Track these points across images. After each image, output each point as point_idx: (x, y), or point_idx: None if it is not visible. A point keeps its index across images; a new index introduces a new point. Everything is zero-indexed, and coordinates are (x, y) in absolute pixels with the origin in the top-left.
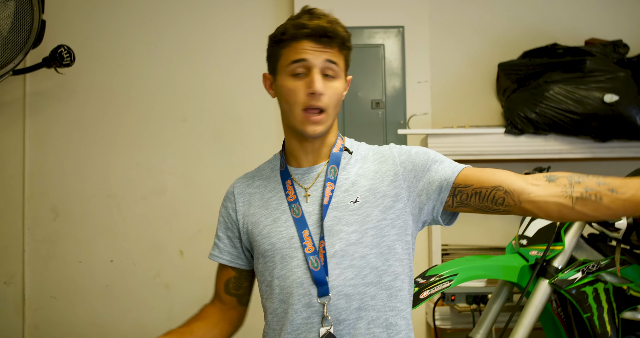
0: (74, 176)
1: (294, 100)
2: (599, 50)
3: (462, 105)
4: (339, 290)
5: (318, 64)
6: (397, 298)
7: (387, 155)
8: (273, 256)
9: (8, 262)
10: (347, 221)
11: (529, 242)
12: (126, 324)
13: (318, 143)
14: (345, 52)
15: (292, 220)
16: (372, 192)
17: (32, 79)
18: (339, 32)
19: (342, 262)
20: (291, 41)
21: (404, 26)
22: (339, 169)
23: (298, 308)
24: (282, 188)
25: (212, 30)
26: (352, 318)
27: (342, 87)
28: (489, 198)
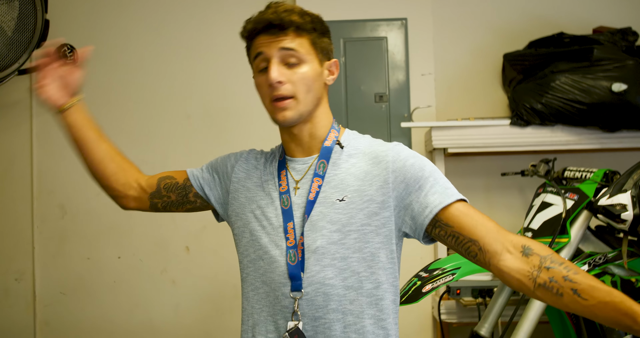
0: (80, 173)
1: (263, 94)
2: (607, 38)
3: (466, 97)
4: (317, 287)
5: (273, 54)
6: (378, 307)
7: (381, 157)
8: (260, 238)
9: (18, 259)
10: (331, 219)
11: (534, 234)
12: (134, 319)
13: (305, 135)
14: (308, 36)
15: (281, 210)
16: (359, 194)
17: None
18: (285, 19)
19: (323, 260)
20: (251, 40)
21: (407, 18)
22: (329, 164)
23: (279, 295)
24: (277, 176)
25: (214, 27)
26: (329, 319)
27: (312, 71)
28: (463, 247)
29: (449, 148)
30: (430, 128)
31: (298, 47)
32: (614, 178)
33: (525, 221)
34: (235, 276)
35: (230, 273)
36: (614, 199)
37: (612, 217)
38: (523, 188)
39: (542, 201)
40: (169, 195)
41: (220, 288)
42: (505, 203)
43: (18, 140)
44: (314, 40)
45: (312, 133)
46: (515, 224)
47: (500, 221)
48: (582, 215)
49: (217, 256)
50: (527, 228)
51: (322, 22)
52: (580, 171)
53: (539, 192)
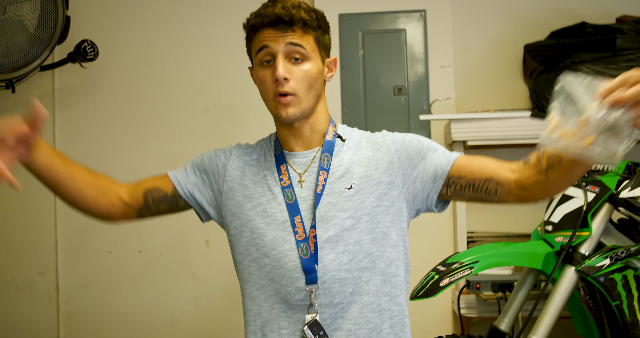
0: (102, 168)
1: (265, 88)
2: (631, 27)
3: (486, 89)
4: (333, 274)
5: (280, 49)
6: (391, 283)
7: (380, 143)
8: (264, 235)
9: (42, 253)
10: (342, 207)
11: (554, 228)
12: (155, 312)
13: (306, 130)
14: (313, 33)
15: (285, 205)
16: (367, 179)
17: (60, 75)
18: (295, 15)
19: (337, 247)
20: (255, 32)
21: (426, 10)
22: (332, 157)
23: (291, 291)
24: (277, 171)
25: (233, 20)
26: (346, 302)
27: (315, 68)
28: (482, 189)
29: (468, 141)
30: (450, 121)
31: (304, 44)
32: (636, 170)
33: (546, 214)
34: None
35: None
36: (636, 192)
37: (634, 210)
38: None
39: (562, 193)
40: (159, 207)
41: None
42: None
43: (42, 135)
44: (318, 37)
45: (313, 127)
46: (535, 217)
47: (520, 214)
48: (604, 208)
49: None
50: (547, 222)
51: (325, 19)
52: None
53: None
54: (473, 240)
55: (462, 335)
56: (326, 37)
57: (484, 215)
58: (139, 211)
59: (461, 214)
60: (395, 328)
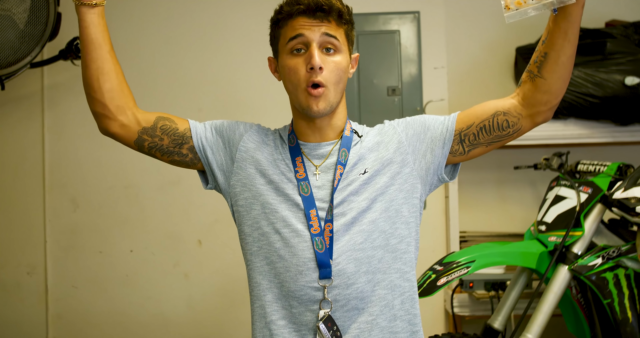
0: (92, 167)
1: (297, 78)
2: (620, 32)
3: (479, 90)
4: (348, 255)
5: (315, 38)
6: (402, 260)
7: (386, 127)
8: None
9: (30, 253)
10: (358, 191)
11: (547, 228)
12: (146, 313)
13: (325, 124)
14: (344, 26)
15: (300, 197)
16: (379, 161)
17: (49, 72)
18: (334, 5)
19: (352, 228)
20: (287, 19)
21: (420, 11)
22: (350, 152)
23: (303, 270)
24: (292, 162)
25: (226, 19)
26: (361, 282)
27: (345, 62)
28: (495, 126)
29: None
30: None
31: (338, 35)
32: (627, 171)
33: (539, 214)
34: None
35: (243, 266)
36: (629, 193)
37: (627, 210)
38: (535, 181)
39: (555, 194)
40: (162, 137)
41: (233, 282)
42: (517, 197)
43: (30, 133)
44: (348, 32)
45: (332, 123)
46: (527, 217)
47: (513, 214)
48: (596, 209)
49: (229, 249)
50: (540, 222)
51: (352, 12)
52: (594, 165)
53: (553, 185)
54: (465, 240)
55: (457, 333)
56: (353, 34)
57: (476, 215)
58: (143, 130)
59: (454, 214)
60: (405, 305)
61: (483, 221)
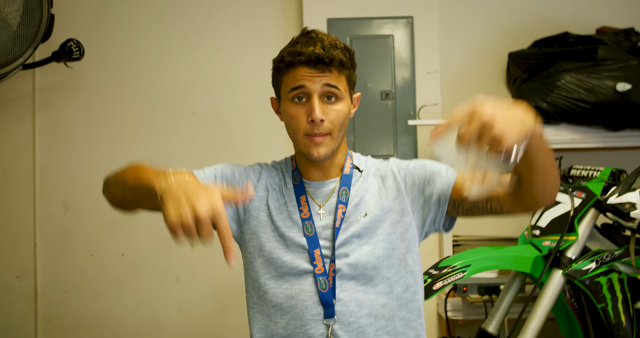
0: (83, 170)
1: (296, 126)
2: (611, 38)
3: (472, 95)
4: (350, 293)
5: (316, 89)
6: (407, 308)
7: (387, 172)
8: (283, 255)
9: (20, 256)
10: (359, 234)
11: (542, 232)
12: (137, 317)
13: (327, 163)
14: (346, 72)
15: (305, 237)
16: (380, 207)
17: (41, 74)
18: (335, 57)
19: (356, 270)
20: (289, 68)
21: (413, 16)
22: (350, 189)
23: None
24: (297, 202)
25: (219, 22)
26: (362, 323)
27: (347, 108)
28: (487, 209)
29: None
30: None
31: (339, 84)
32: (620, 176)
33: (533, 218)
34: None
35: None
36: (624, 198)
37: (621, 215)
38: None
39: None
40: None
41: (225, 286)
42: None
43: (21, 136)
44: (350, 76)
45: (333, 162)
46: (521, 222)
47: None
48: (590, 213)
49: (222, 253)
50: (534, 226)
51: (354, 56)
52: (587, 170)
53: None
54: (458, 244)
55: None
56: (355, 75)
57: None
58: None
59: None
60: None
61: (476, 225)
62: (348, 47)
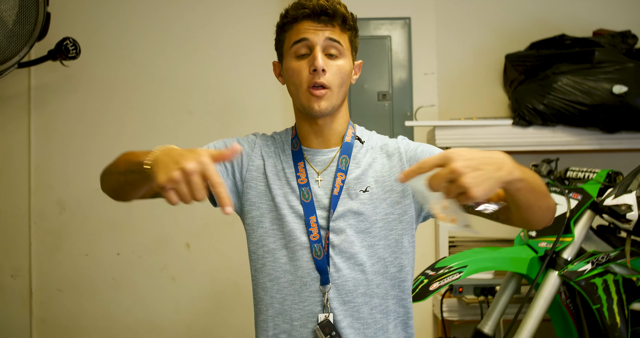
0: (79, 169)
1: (299, 79)
2: (608, 41)
3: (469, 97)
4: (347, 273)
5: (319, 42)
6: (400, 288)
7: (394, 150)
8: (282, 226)
9: (15, 255)
10: (357, 209)
11: (538, 234)
12: (133, 317)
13: (327, 128)
14: (349, 32)
15: (301, 203)
16: (381, 185)
17: (37, 72)
18: (338, 10)
19: (352, 247)
20: (292, 23)
21: (411, 18)
22: (350, 158)
23: (307, 281)
24: (294, 168)
25: (217, 22)
26: (357, 302)
27: (348, 67)
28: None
29: (452, 147)
30: (434, 127)
31: (342, 40)
32: (616, 178)
33: None
34: (236, 273)
35: (231, 270)
36: (620, 200)
37: (617, 217)
38: None
39: None
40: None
41: (221, 285)
42: None
43: (16, 134)
44: (352, 38)
45: (334, 127)
46: None
47: None
48: (586, 215)
49: (217, 253)
50: None
51: (356, 20)
52: (583, 172)
53: None
54: (454, 245)
55: None
56: (357, 41)
57: None
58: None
59: None
60: (397, 328)
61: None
62: (352, 12)
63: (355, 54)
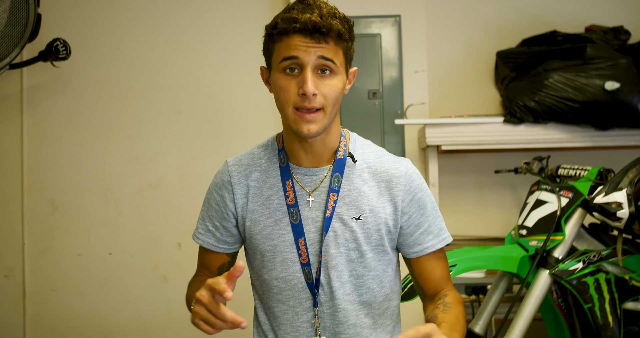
0: (71, 169)
1: (286, 99)
2: (600, 37)
3: (460, 94)
4: (337, 303)
5: (310, 61)
6: (385, 315)
7: (393, 183)
8: (273, 257)
9: (8, 256)
10: (349, 237)
11: (528, 232)
12: (125, 316)
13: (319, 144)
14: (344, 45)
15: (290, 225)
16: (374, 215)
17: (28, 73)
18: (333, 26)
19: (342, 276)
20: (282, 36)
21: (401, 15)
22: (343, 177)
23: (299, 311)
24: (282, 188)
25: (207, 22)
26: (349, 333)
27: (341, 83)
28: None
29: (442, 145)
30: (424, 125)
31: (335, 57)
32: (608, 176)
33: (520, 218)
34: None
35: None
36: (610, 198)
37: (607, 215)
38: (515, 185)
39: (536, 198)
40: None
41: None
42: (497, 201)
43: (8, 135)
44: (347, 49)
45: (325, 143)
46: (507, 221)
47: (493, 218)
48: (577, 213)
49: None
50: (521, 226)
51: (353, 28)
52: (574, 169)
53: (533, 190)
54: None
55: None
56: (352, 48)
57: (456, 219)
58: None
59: None
60: None
61: (463, 225)
62: (347, 18)
63: (351, 62)
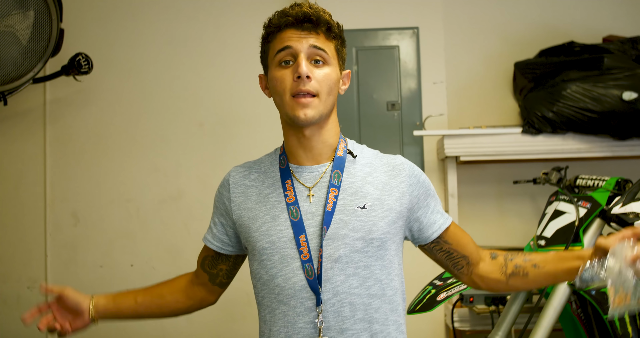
0: (93, 181)
1: (282, 88)
2: (617, 47)
3: (478, 105)
4: (343, 297)
5: (303, 49)
6: (397, 312)
7: (398, 170)
8: (272, 255)
9: (31, 267)
10: (354, 227)
11: (547, 243)
12: (147, 327)
13: (317, 141)
14: (334, 41)
15: (290, 222)
16: (380, 203)
17: (51, 87)
18: (322, 17)
19: (347, 269)
20: (276, 32)
21: (419, 27)
22: (343, 173)
23: (300, 312)
24: (281, 187)
25: (227, 35)
26: (356, 329)
27: (335, 75)
28: (453, 261)
29: (461, 156)
30: (443, 136)
31: (327, 48)
32: (626, 186)
33: (538, 229)
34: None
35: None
36: (627, 208)
37: (625, 225)
38: (534, 195)
39: (555, 209)
40: (220, 268)
41: (233, 295)
42: (517, 211)
43: (31, 148)
44: (338, 47)
45: (323, 139)
46: (527, 231)
47: (513, 228)
48: (595, 223)
49: None
50: (540, 236)
51: (342, 31)
52: (592, 180)
53: (552, 200)
54: None
55: None
56: (344, 50)
57: (475, 229)
58: (211, 282)
59: None
60: None
61: (482, 235)
62: (337, 22)
63: (343, 64)
